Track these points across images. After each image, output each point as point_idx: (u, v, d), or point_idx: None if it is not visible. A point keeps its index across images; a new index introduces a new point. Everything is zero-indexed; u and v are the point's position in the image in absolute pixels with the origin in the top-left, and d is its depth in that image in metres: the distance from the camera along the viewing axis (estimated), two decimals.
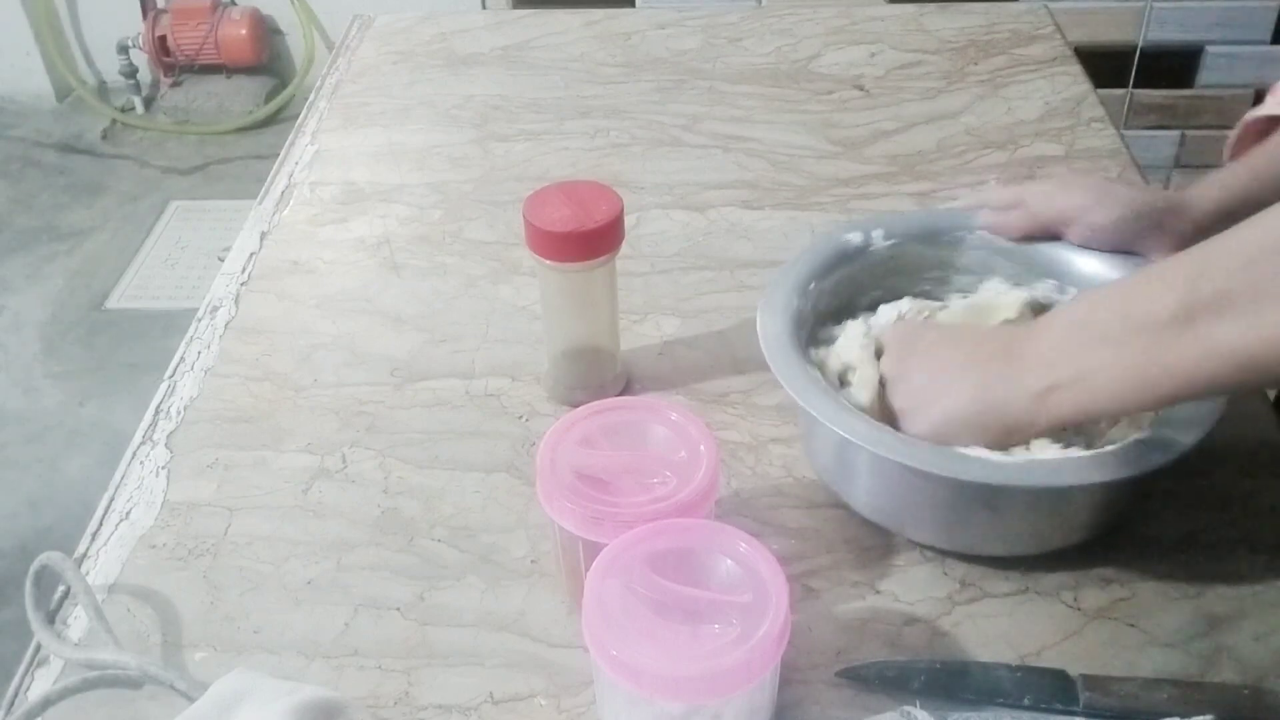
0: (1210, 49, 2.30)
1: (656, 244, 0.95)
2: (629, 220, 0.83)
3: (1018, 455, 0.64)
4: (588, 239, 0.72)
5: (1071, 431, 0.68)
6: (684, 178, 1.03)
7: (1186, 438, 0.61)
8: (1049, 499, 0.64)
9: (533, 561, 0.69)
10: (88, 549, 0.72)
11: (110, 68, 3.00)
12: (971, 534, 0.67)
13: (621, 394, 0.80)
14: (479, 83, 1.20)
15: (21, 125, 2.96)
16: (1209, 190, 0.76)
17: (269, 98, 2.95)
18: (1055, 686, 0.60)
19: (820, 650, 0.63)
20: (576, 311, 0.78)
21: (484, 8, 2.36)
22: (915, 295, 0.77)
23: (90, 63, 3.07)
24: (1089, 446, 0.66)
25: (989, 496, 0.64)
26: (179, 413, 0.81)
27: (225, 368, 0.85)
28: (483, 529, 0.72)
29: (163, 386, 0.83)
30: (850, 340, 0.72)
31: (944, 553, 0.68)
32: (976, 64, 1.19)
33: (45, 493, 1.95)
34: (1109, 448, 0.62)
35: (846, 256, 0.77)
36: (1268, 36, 2.27)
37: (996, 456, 0.63)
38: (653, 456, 0.63)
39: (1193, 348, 0.55)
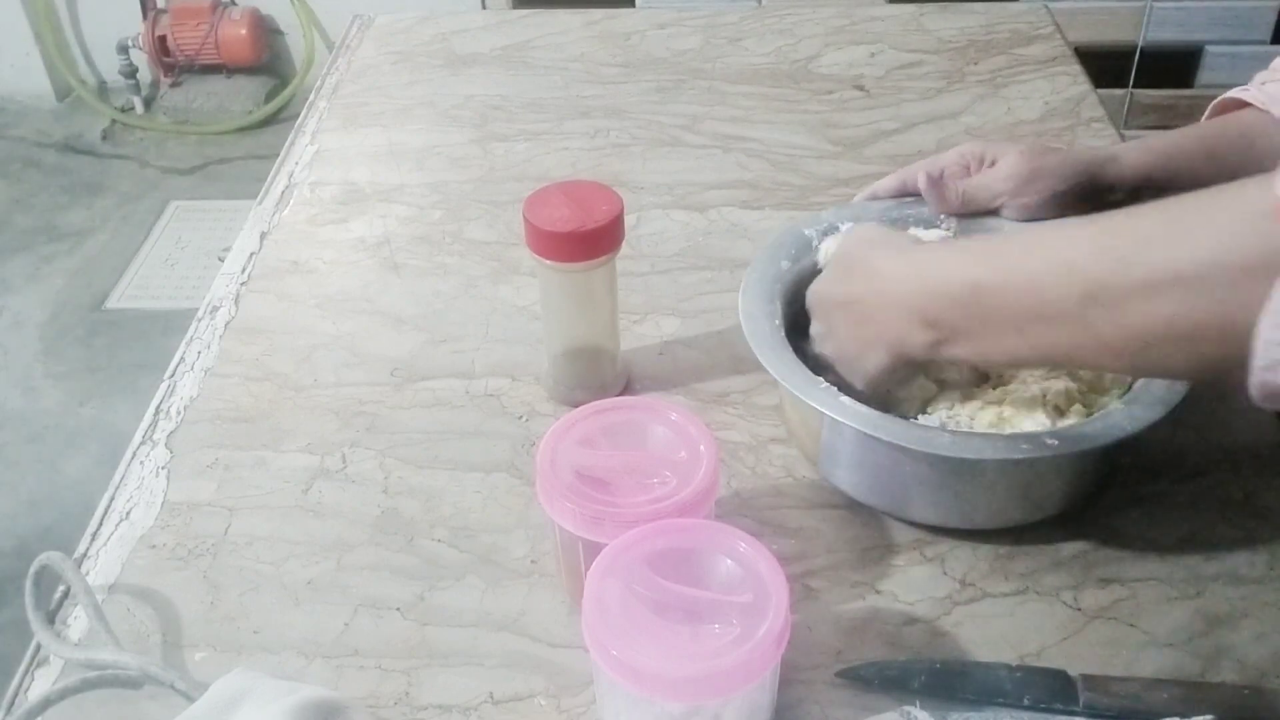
0: (1210, 49, 2.30)
1: (656, 244, 0.95)
2: (629, 220, 0.83)
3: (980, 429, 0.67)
4: (588, 239, 0.72)
5: (1051, 407, 0.68)
6: (684, 178, 1.03)
7: (1151, 413, 0.63)
8: (1017, 471, 0.65)
9: (533, 561, 0.69)
10: (88, 549, 0.72)
11: (110, 68, 3.00)
12: (943, 506, 0.68)
13: (621, 394, 0.80)
14: (479, 83, 1.20)
15: (21, 125, 2.96)
16: (1133, 152, 0.78)
17: (269, 98, 2.95)
18: (1055, 686, 0.60)
19: (820, 650, 0.63)
20: (576, 311, 0.78)
21: (484, 8, 2.36)
22: None
23: (90, 63, 3.07)
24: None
25: (958, 468, 0.65)
26: (179, 413, 0.81)
27: (225, 368, 0.85)
28: (483, 529, 0.72)
29: (163, 386, 0.83)
30: None
31: (932, 528, 0.68)
32: (976, 64, 1.19)
33: (45, 493, 1.95)
34: (1068, 423, 0.64)
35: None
36: (1268, 36, 2.27)
37: (963, 429, 0.66)
38: (653, 456, 0.63)
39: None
